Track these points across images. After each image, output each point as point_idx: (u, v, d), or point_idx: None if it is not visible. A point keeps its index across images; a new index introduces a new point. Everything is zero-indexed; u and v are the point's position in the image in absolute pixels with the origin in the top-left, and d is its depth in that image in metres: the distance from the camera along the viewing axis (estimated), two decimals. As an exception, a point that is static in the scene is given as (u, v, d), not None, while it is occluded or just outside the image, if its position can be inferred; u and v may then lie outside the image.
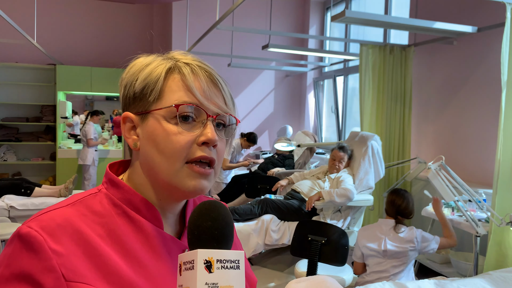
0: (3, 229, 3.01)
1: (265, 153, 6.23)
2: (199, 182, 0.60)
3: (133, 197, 0.62)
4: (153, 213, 0.62)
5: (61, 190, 3.76)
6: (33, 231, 0.53)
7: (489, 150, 3.61)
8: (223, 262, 0.48)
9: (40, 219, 0.55)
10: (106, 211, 0.60)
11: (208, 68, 0.64)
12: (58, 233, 0.54)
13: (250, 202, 3.27)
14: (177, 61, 0.63)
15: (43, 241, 0.53)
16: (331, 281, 0.77)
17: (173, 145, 0.59)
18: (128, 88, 0.63)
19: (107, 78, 6.42)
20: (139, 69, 0.64)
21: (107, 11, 6.88)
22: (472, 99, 3.82)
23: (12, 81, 6.31)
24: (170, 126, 0.59)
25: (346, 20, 3.09)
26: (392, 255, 2.48)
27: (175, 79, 0.61)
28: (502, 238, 2.82)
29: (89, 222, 0.58)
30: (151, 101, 0.61)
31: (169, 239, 0.63)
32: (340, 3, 6.18)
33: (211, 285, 0.46)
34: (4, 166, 6.45)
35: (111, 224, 0.59)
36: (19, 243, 0.53)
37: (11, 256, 0.53)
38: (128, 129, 0.64)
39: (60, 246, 0.53)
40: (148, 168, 0.62)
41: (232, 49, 6.01)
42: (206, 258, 0.47)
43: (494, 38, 3.56)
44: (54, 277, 0.52)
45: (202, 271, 0.46)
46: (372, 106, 4.25)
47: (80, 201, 0.60)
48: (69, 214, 0.57)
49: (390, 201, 2.59)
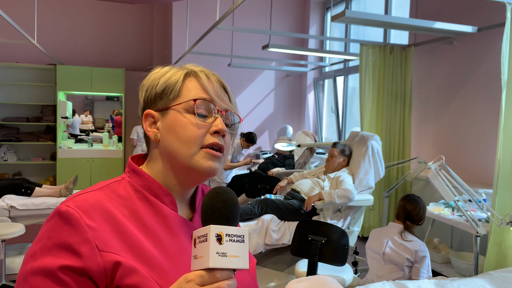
0: (3, 229, 3.01)
1: (265, 153, 6.23)
2: (213, 163, 0.72)
3: (152, 184, 0.73)
4: (169, 198, 0.73)
5: (62, 190, 3.75)
6: (71, 209, 0.63)
7: (489, 150, 3.62)
8: (231, 236, 0.56)
9: (75, 200, 0.65)
10: (129, 195, 0.70)
11: (218, 76, 0.78)
12: (91, 211, 0.64)
13: (250, 202, 3.27)
14: (191, 69, 0.76)
15: (80, 217, 0.62)
16: (331, 281, 0.80)
17: (191, 133, 0.71)
18: (150, 90, 0.76)
19: (107, 78, 6.43)
20: (159, 75, 0.76)
21: (107, 11, 6.88)
22: (472, 99, 3.82)
23: (12, 81, 6.31)
24: (189, 117, 0.71)
25: (346, 20, 3.09)
26: (389, 259, 2.48)
27: (191, 81, 0.75)
28: (502, 238, 2.82)
29: (116, 204, 0.68)
30: (171, 99, 0.73)
31: (182, 221, 0.73)
32: (340, 3, 6.18)
33: (221, 254, 0.54)
34: (5, 166, 6.45)
35: (134, 206, 0.69)
36: (59, 219, 0.63)
37: (52, 230, 0.62)
38: (149, 123, 0.75)
39: (93, 222, 0.63)
40: (167, 155, 0.73)
41: (232, 49, 6.01)
42: (217, 232, 0.55)
43: (494, 38, 3.56)
44: (90, 247, 0.61)
45: (214, 242, 0.55)
46: (372, 106, 4.25)
47: (107, 186, 0.71)
48: (99, 196, 0.67)
49: (401, 206, 2.58)
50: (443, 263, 3.36)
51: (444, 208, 3.27)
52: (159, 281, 0.63)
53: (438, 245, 3.53)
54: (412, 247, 2.43)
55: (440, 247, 3.50)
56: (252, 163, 5.21)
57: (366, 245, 2.66)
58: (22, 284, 0.60)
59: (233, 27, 4.21)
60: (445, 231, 3.67)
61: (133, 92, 6.94)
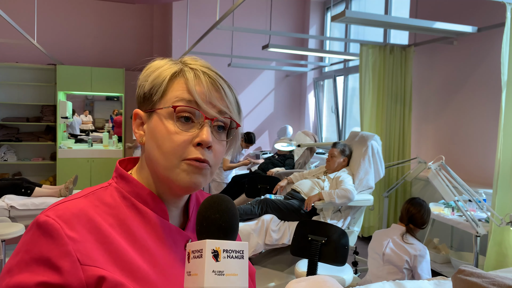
0: (3, 229, 3.01)
1: (265, 153, 6.23)
2: (194, 177, 0.63)
3: (141, 191, 0.67)
4: (160, 206, 0.67)
5: (62, 190, 3.75)
6: (50, 219, 0.57)
7: (489, 150, 3.62)
8: (229, 252, 0.51)
9: (56, 209, 0.60)
10: (116, 203, 0.65)
11: (213, 74, 0.67)
12: (73, 221, 0.58)
13: (250, 202, 3.27)
14: (185, 66, 0.68)
15: (60, 228, 0.57)
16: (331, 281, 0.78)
17: (170, 143, 0.63)
18: (140, 88, 0.69)
19: (107, 78, 6.42)
20: (151, 71, 0.68)
21: (107, 11, 6.88)
22: (472, 99, 3.82)
23: (12, 81, 6.31)
24: (169, 125, 0.63)
25: (346, 20, 3.09)
26: (388, 260, 2.48)
27: (179, 82, 0.65)
28: (502, 238, 2.82)
29: (101, 212, 0.62)
30: (155, 101, 0.66)
31: (174, 230, 0.67)
32: (340, 3, 6.18)
33: (217, 272, 0.50)
34: (5, 166, 6.45)
35: (121, 215, 0.64)
36: (38, 230, 0.57)
37: (30, 242, 0.57)
38: (137, 125, 0.69)
39: (75, 233, 0.57)
40: (149, 162, 0.67)
41: (232, 49, 6.01)
42: (213, 248, 0.51)
43: (494, 38, 3.56)
44: (71, 261, 0.55)
45: (210, 259, 0.50)
46: (372, 106, 4.25)
47: (93, 193, 0.65)
48: (82, 204, 0.62)
49: (405, 208, 2.59)
50: (443, 263, 3.35)
51: (444, 208, 3.27)
52: None
53: (438, 245, 3.53)
54: (412, 250, 2.42)
55: (440, 247, 3.50)
56: (252, 163, 5.21)
57: (369, 247, 2.67)
58: None
59: (233, 27, 4.21)
60: (445, 231, 3.67)
61: (133, 92, 6.92)
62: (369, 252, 2.66)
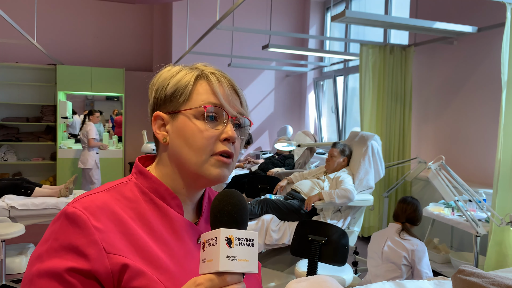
0: (3, 229, 3.01)
1: (265, 153, 6.23)
2: (222, 171, 0.71)
3: (159, 187, 0.72)
4: (176, 202, 0.72)
5: (62, 190, 3.75)
6: (78, 210, 0.62)
7: (489, 150, 3.62)
8: (241, 239, 0.56)
9: (82, 201, 0.64)
10: (135, 197, 0.70)
11: (229, 78, 0.76)
12: (98, 213, 0.63)
13: (250, 202, 3.27)
14: (202, 71, 0.74)
15: (87, 219, 0.62)
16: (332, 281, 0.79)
17: (201, 140, 0.69)
18: (160, 91, 0.73)
19: (107, 78, 6.43)
20: (169, 75, 0.74)
21: (107, 11, 6.88)
22: (472, 99, 3.82)
23: (12, 81, 6.31)
24: (198, 124, 0.70)
25: (346, 20, 3.09)
26: (386, 257, 2.49)
27: (202, 85, 0.72)
28: (502, 238, 2.82)
29: (122, 206, 0.67)
30: (181, 102, 0.72)
31: (188, 224, 0.72)
32: (340, 3, 6.19)
33: (231, 258, 0.54)
34: (5, 166, 6.45)
35: (140, 209, 0.69)
36: (66, 220, 0.62)
37: (59, 231, 0.62)
38: (159, 126, 0.74)
39: (101, 224, 0.62)
40: (176, 159, 0.72)
41: (232, 49, 6.01)
42: (227, 236, 0.55)
43: (494, 38, 3.56)
44: (97, 249, 0.60)
45: (224, 246, 0.54)
46: (372, 106, 4.25)
47: (114, 188, 0.70)
48: (105, 198, 0.67)
49: (400, 207, 2.66)
50: (443, 263, 3.35)
51: (444, 208, 3.27)
52: (167, 283, 0.63)
53: (438, 245, 3.53)
54: (409, 245, 2.45)
55: (440, 247, 3.50)
56: (249, 163, 5.21)
57: (368, 248, 2.69)
58: (28, 286, 0.60)
59: (233, 27, 4.21)
60: (445, 231, 3.67)
61: (133, 92, 6.94)
62: (369, 253, 2.68)
